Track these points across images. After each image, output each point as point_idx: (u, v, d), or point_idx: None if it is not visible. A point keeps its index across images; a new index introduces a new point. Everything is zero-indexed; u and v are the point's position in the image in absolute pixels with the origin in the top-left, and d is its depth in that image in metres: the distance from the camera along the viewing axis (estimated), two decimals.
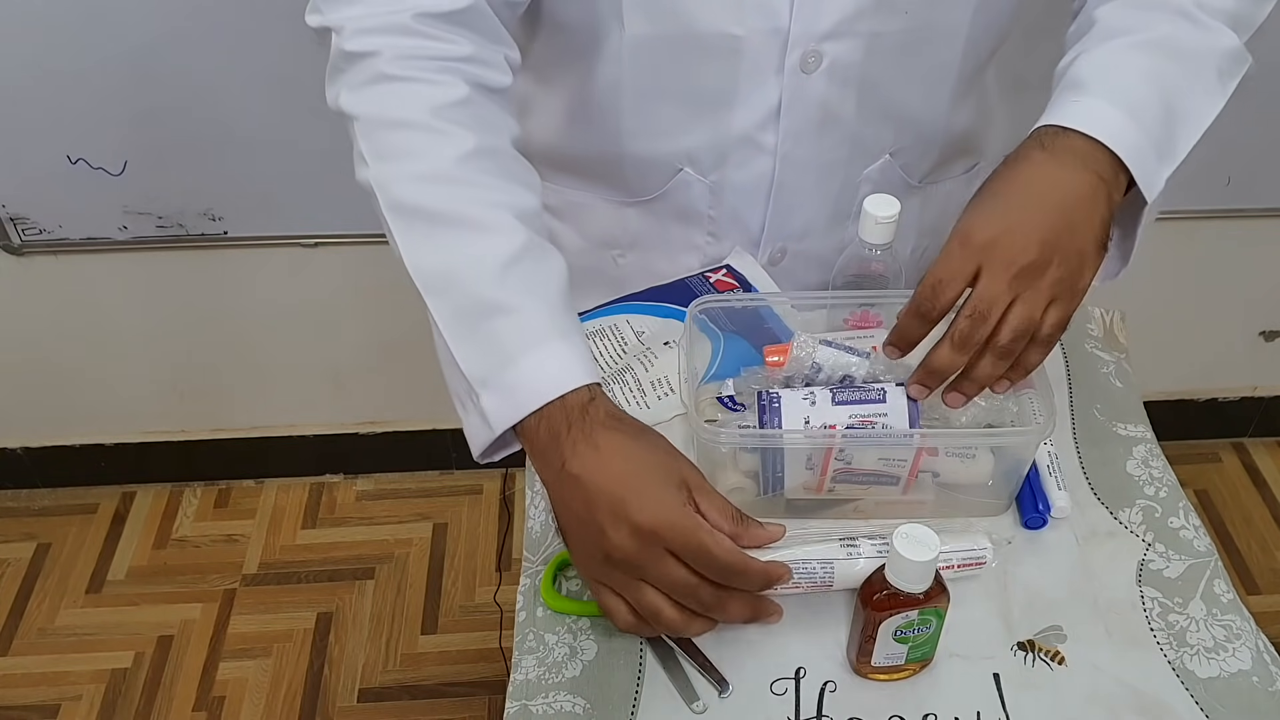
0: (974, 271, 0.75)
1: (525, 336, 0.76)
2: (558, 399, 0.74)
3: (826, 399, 0.82)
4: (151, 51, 1.51)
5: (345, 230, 1.77)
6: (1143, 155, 0.78)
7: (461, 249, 0.78)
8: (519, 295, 0.77)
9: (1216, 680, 0.79)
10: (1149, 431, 0.97)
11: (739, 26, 0.86)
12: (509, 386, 0.75)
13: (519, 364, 0.75)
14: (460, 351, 0.77)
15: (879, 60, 0.89)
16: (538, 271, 0.79)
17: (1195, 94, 0.82)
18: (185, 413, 2.08)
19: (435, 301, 0.78)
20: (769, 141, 0.94)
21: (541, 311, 0.77)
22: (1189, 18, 0.83)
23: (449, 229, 0.79)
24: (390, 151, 0.81)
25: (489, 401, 0.76)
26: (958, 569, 0.82)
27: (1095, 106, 0.79)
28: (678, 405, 0.97)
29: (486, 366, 0.76)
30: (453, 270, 0.78)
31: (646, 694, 0.79)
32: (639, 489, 0.72)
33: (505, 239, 0.78)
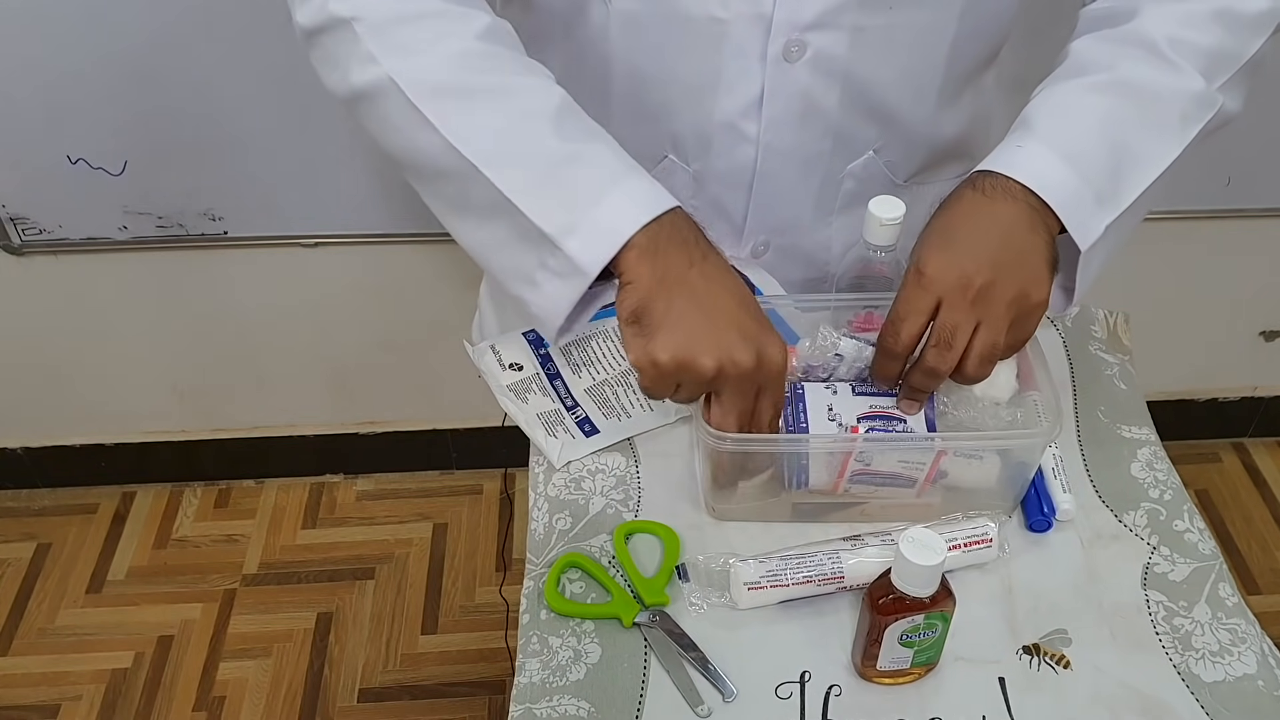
0: (934, 305, 0.78)
1: (604, 175, 0.79)
2: (663, 215, 0.77)
3: (847, 390, 0.85)
4: (151, 51, 1.51)
5: (345, 230, 1.77)
6: (1078, 203, 0.80)
7: (510, 113, 0.80)
8: (580, 142, 0.80)
9: (1222, 684, 0.79)
10: (1153, 434, 0.97)
11: (723, 10, 0.86)
12: (599, 222, 0.77)
13: (606, 200, 0.78)
14: (537, 209, 0.78)
15: (863, 54, 0.90)
16: (585, 120, 0.82)
17: (1150, 139, 0.83)
18: (185, 413, 2.07)
19: (496, 171, 0.79)
20: (751, 130, 0.94)
21: (608, 152, 0.81)
22: (1160, 56, 0.83)
23: (491, 98, 0.80)
24: (412, 42, 0.81)
25: (577, 246, 0.77)
26: (965, 548, 0.83)
27: (1036, 153, 0.80)
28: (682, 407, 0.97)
29: (570, 213, 0.78)
30: (507, 134, 0.80)
31: (651, 698, 0.79)
32: (738, 301, 0.79)
33: (546, 95, 0.81)
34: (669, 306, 0.76)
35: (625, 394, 0.97)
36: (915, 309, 0.79)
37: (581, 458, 0.94)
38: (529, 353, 1.01)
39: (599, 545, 0.89)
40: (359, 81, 0.82)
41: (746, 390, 0.78)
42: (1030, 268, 0.79)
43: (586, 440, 0.95)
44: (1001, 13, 0.94)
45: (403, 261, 1.83)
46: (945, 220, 0.81)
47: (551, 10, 0.92)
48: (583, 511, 0.91)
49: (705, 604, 0.84)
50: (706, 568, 0.85)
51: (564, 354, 1.00)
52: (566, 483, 0.93)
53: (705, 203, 1.00)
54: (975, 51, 0.96)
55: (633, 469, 0.94)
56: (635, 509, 0.91)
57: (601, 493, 0.92)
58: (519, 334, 1.02)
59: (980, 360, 0.79)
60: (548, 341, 1.00)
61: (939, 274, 0.78)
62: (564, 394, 0.98)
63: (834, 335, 0.88)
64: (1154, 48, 0.83)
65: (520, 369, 1.00)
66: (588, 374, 0.99)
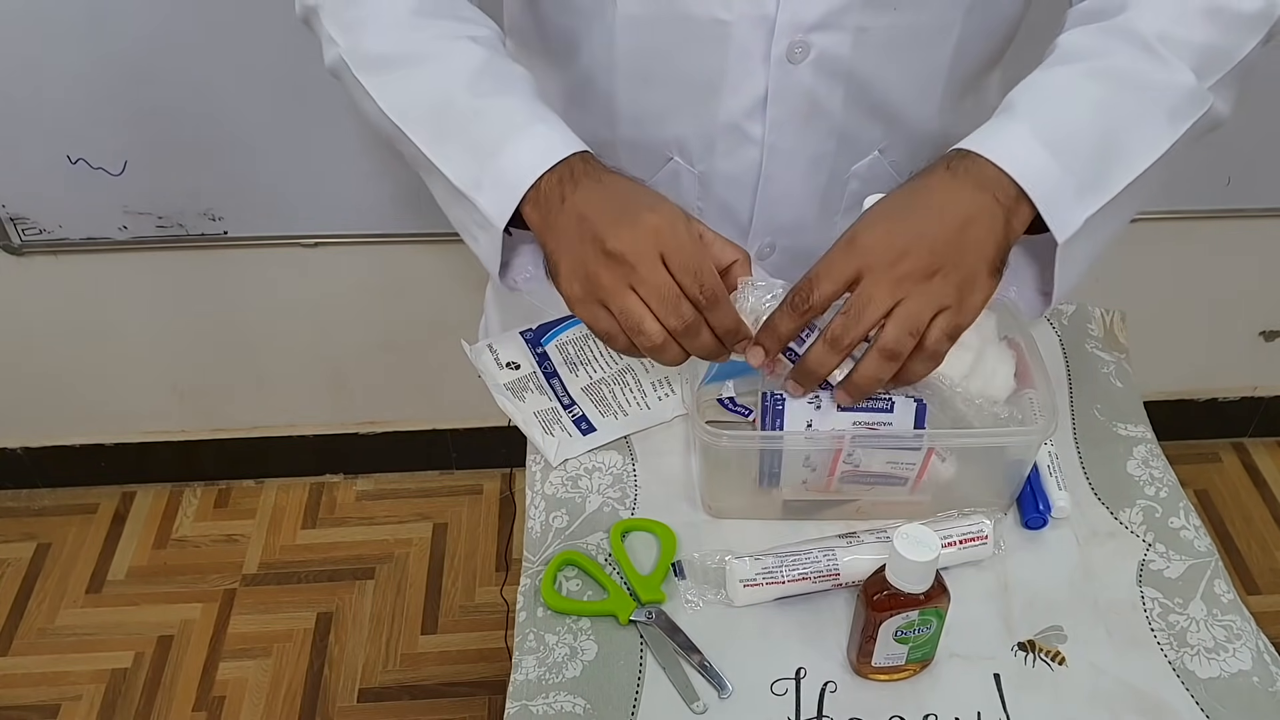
0: (854, 274, 0.75)
1: (505, 126, 0.81)
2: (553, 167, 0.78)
3: (832, 405, 0.81)
4: (151, 51, 1.51)
5: (345, 230, 1.77)
6: (1057, 191, 0.76)
7: (430, 77, 0.84)
8: (489, 97, 0.83)
9: (1217, 680, 0.79)
10: (1149, 432, 0.97)
11: (727, 12, 0.86)
12: (501, 173, 0.79)
13: (505, 150, 0.79)
14: (449, 166, 0.82)
15: (867, 55, 0.89)
16: (503, 76, 0.85)
17: (1137, 131, 0.79)
18: (185, 413, 2.08)
19: (414, 129, 0.83)
20: (756, 131, 0.94)
21: (515, 105, 0.82)
22: (1149, 51, 0.81)
23: (415, 65, 0.85)
24: (352, 20, 0.87)
25: (486, 200, 0.80)
26: (960, 545, 0.83)
27: (1015, 133, 0.77)
28: (679, 405, 0.97)
29: (475, 167, 0.81)
30: (425, 95, 0.84)
31: (647, 694, 0.79)
32: (650, 198, 0.77)
33: (467, 57, 0.84)
34: (556, 247, 0.78)
35: (622, 392, 0.98)
36: (834, 273, 0.75)
37: (579, 456, 0.95)
38: (526, 351, 1.01)
39: (596, 543, 0.89)
40: (328, 62, 0.89)
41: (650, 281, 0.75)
42: (968, 267, 0.75)
43: (583, 438, 0.95)
44: (1008, 11, 0.93)
45: (403, 261, 1.83)
46: (904, 193, 0.78)
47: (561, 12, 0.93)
48: (579, 510, 0.91)
49: (701, 601, 0.84)
50: (702, 565, 0.86)
51: (561, 352, 1.00)
52: (563, 481, 0.93)
53: (711, 204, 1.00)
54: (981, 51, 0.95)
55: (630, 467, 0.94)
56: (632, 507, 0.91)
57: (598, 491, 0.92)
58: (516, 333, 1.03)
59: (898, 332, 0.74)
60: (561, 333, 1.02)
61: (873, 244, 0.75)
62: (561, 392, 0.98)
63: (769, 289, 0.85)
64: (1144, 42, 0.81)
65: (517, 368, 1.00)
66: (585, 372, 0.99)
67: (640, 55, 0.91)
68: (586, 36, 0.92)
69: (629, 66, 0.92)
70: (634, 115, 0.96)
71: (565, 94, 0.99)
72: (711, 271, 0.76)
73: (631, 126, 0.97)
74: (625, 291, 0.76)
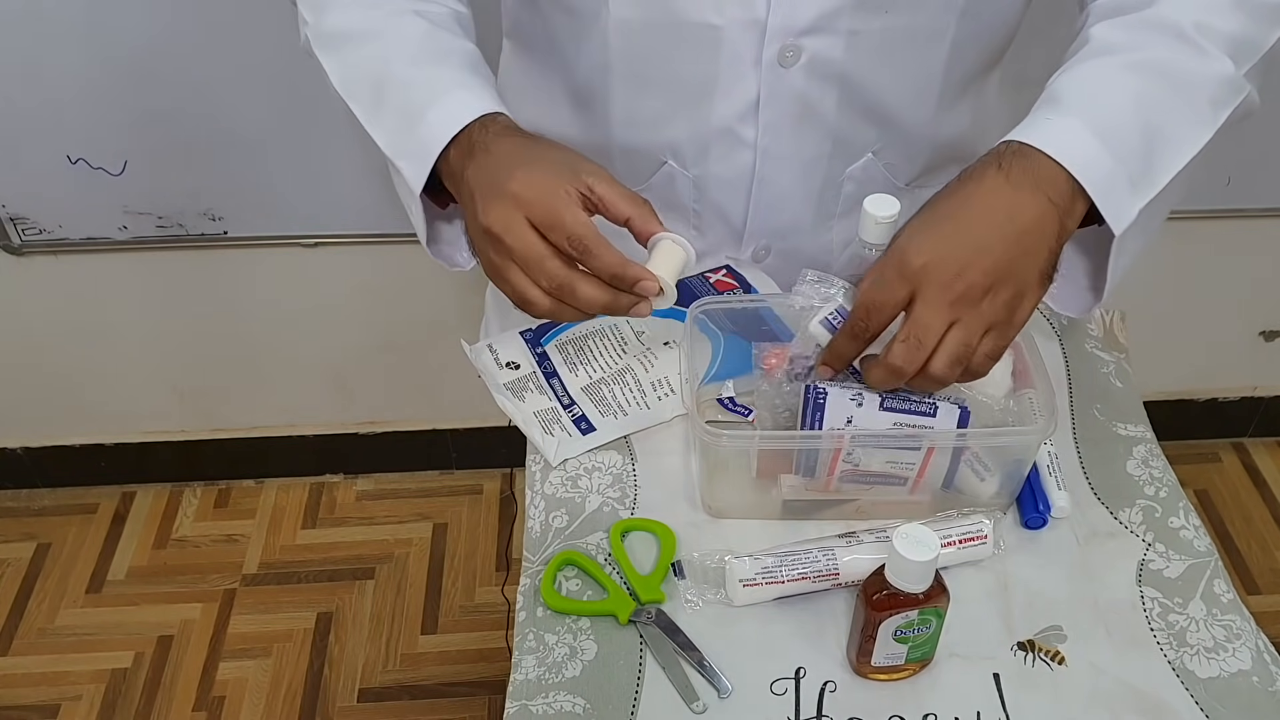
0: (909, 295, 0.73)
1: (427, 95, 0.82)
2: (460, 133, 0.79)
3: (874, 403, 0.81)
4: (151, 52, 1.51)
5: (345, 230, 1.77)
6: (1111, 183, 0.75)
7: (372, 51, 0.86)
8: (421, 67, 0.84)
9: (1216, 680, 0.79)
10: (1149, 431, 0.97)
11: (718, 16, 0.86)
12: (419, 141, 0.81)
13: (423, 120, 0.81)
14: (381, 137, 0.84)
15: (859, 58, 0.89)
16: (441, 48, 0.86)
17: (1182, 121, 0.78)
18: (185, 413, 2.08)
19: (356, 103, 0.85)
20: (749, 135, 0.94)
21: (441, 74, 0.84)
22: (1186, 41, 0.79)
23: (362, 41, 0.87)
24: (318, 2, 0.89)
25: (408, 168, 0.82)
26: (960, 545, 0.83)
27: (1067, 126, 0.75)
28: (679, 405, 0.97)
29: (399, 137, 0.82)
30: (366, 70, 0.86)
31: (646, 694, 0.79)
32: (516, 166, 0.77)
33: (410, 30, 0.86)
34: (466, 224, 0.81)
35: (622, 392, 0.98)
36: (893, 297, 0.74)
37: (578, 456, 0.95)
38: (526, 351, 1.01)
39: (595, 543, 0.89)
40: (301, 42, 0.91)
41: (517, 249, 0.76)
42: (1023, 281, 0.74)
43: (583, 438, 0.95)
44: (1005, 13, 0.93)
45: (403, 261, 1.83)
46: (950, 204, 0.75)
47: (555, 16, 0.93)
48: (579, 509, 0.91)
49: (701, 601, 0.84)
50: (702, 565, 0.86)
51: (561, 352, 1.00)
52: (563, 481, 0.93)
53: (706, 208, 1.01)
54: (978, 53, 0.95)
55: (629, 467, 0.94)
56: (632, 507, 0.91)
57: (598, 491, 0.92)
58: (516, 332, 1.03)
59: (949, 363, 0.74)
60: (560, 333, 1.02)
61: (928, 263, 0.72)
62: (560, 392, 0.98)
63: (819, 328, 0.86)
64: (1180, 32, 0.79)
65: (517, 367, 1.00)
66: (584, 372, 0.99)
67: (633, 60, 0.91)
68: (580, 41, 0.92)
69: (622, 71, 0.92)
70: (628, 119, 0.96)
71: (558, 98, 1.00)
72: (577, 220, 0.75)
73: (626, 130, 0.97)
74: (507, 266, 0.77)
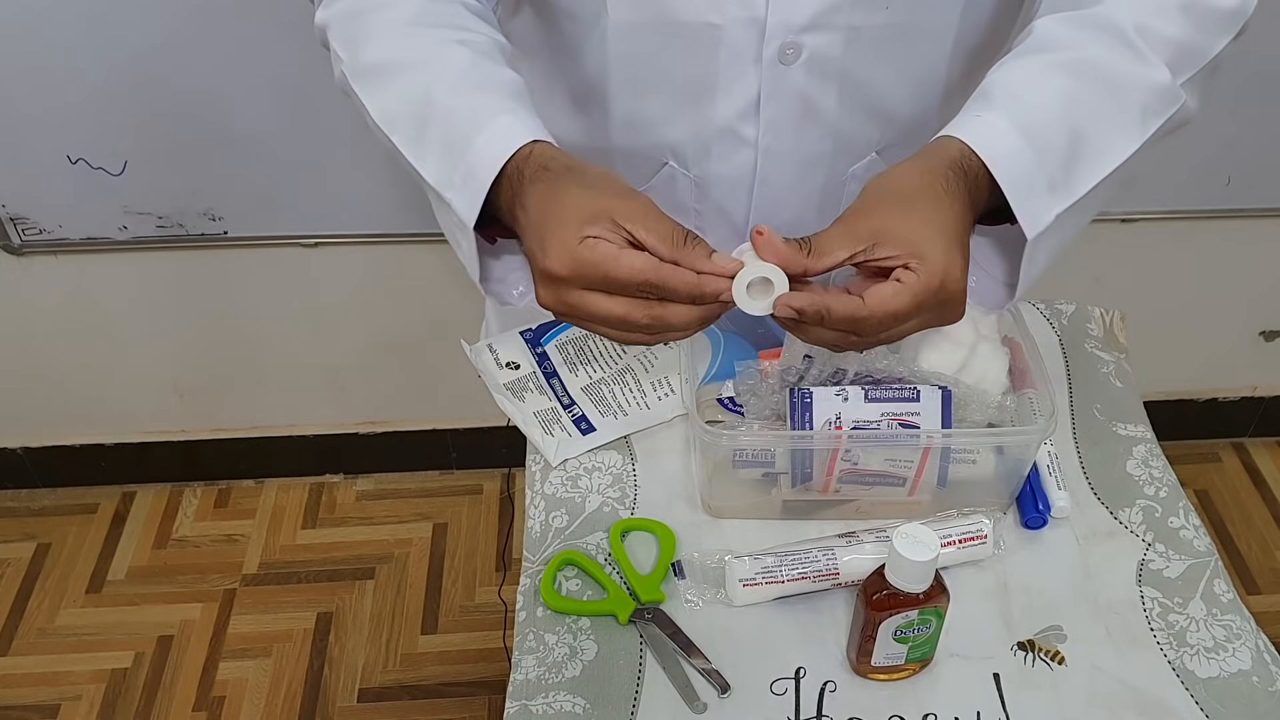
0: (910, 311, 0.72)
1: (473, 122, 0.78)
2: (510, 160, 0.75)
3: (859, 396, 0.82)
4: (151, 51, 1.51)
5: (345, 230, 1.77)
6: (1030, 187, 0.75)
7: (415, 81, 0.82)
8: (465, 95, 0.80)
9: (1216, 680, 0.79)
10: (1149, 431, 0.97)
11: (717, 15, 0.86)
12: (469, 170, 0.77)
13: (472, 145, 0.77)
14: (426, 168, 0.80)
15: (860, 55, 0.89)
16: (485, 75, 0.82)
17: (1111, 128, 0.78)
18: (185, 413, 2.07)
19: (398, 134, 0.81)
20: (750, 134, 0.93)
21: (486, 100, 0.79)
22: (1126, 44, 0.79)
23: (404, 71, 0.83)
24: (354, 34, 0.86)
25: (458, 200, 0.77)
26: (960, 545, 0.83)
27: (992, 123, 0.75)
28: (679, 405, 0.97)
29: (449, 166, 0.78)
30: (408, 100, 0.82)
31: (646, 694, 0.79)
32: (543, 238, 0.73)
33: (453, 59, 0.82)
34: (526, 257, 0.76)
35: (622, 392, 0.98)
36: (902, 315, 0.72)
37: (578, 456, 0.95)
38: (526, 351, 1.01)
39: (595, 543, 0.89)
40: (337, 79, 0.87)
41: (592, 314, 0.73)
42: (959, 293, 0.73)
43: (583, 438, 0.95)
44: (1008, 8, 0.93)
45: (403, 261, 1.83)
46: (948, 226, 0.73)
47: (552, 19, 0.93)
48: (579, 509, 0.91)
49: (701, 601, 0.84)
50: (702, 565, 0.86)
51: (561, 352, 1.00)
52: (563, 481, 0.93)
53: (707, 208, 1.00)
54: (980, 48, 0.94)
55: (629, 467, 0.94)
56: (632, 507, 0.91)
57: (598, 491, 0.92)
58: (516, 332, 1.03)
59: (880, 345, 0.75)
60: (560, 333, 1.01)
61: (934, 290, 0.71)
62: (560, 392, 0.98)
63: None
64: (1121, 34, 0.79)
65: (517, 368, 1.00)
66: (585, 372, 0.99)
67: (632, 61, 0.91)
68: (578, 44, 0.92)
69: (621, 73, 0.92)
70: (628, 121, 0.95)
71: (558, 101, 0.99)
72: (633, 269, 0.71)
73: (626, 132, 0.96)
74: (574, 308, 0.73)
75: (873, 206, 0.74)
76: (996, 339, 0.91)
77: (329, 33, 0.87)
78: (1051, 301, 1.10)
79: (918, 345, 0.89)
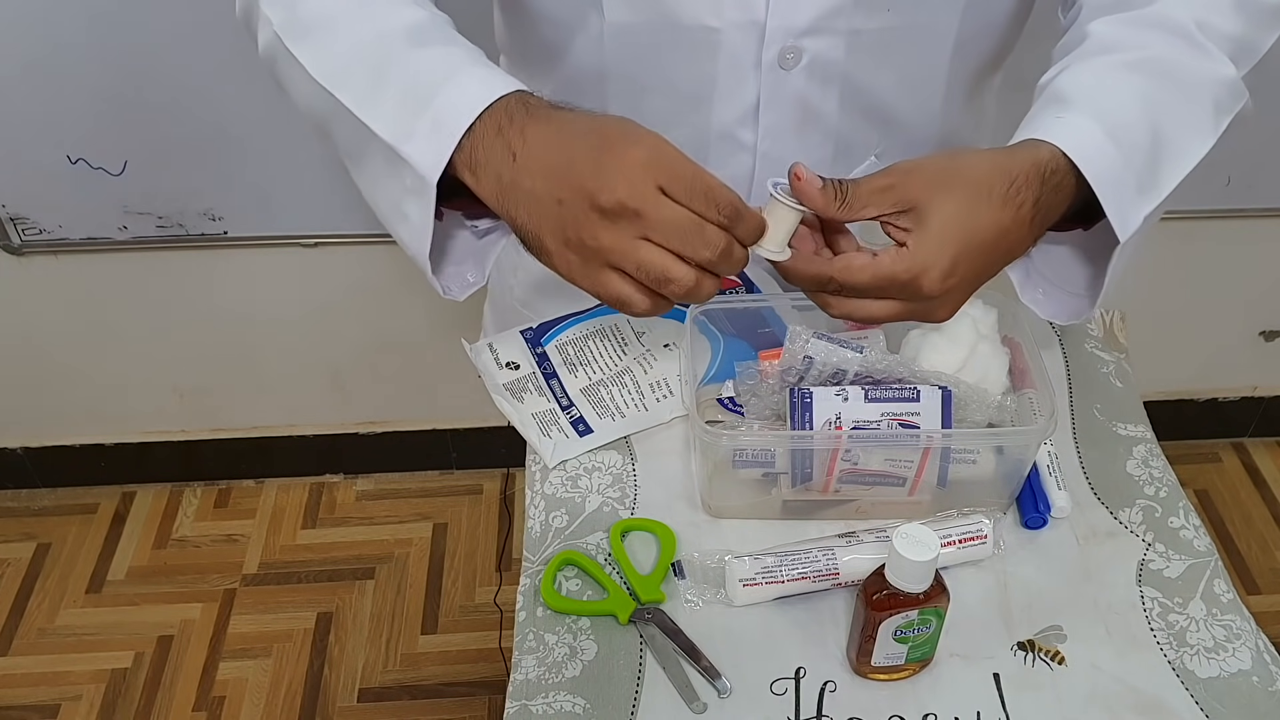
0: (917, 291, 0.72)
1: (438, 72, 0.71)
2: (487, 109, 0.69)
3: (859, 396, 0.82)
4: (151, 51, 1.52)
5: (345, 230, 1.77)
6: (1120, 186, 0.73)
7: (366, 35, 0.75)
8: (425, 47, 0.74)
9: (1216, 680, 0.79)
10: (1149, 431, 0.97)
11: (716, 19, 0.85)
12: (432, 122, 0.70)
13: (438, 97, 0.70)
14: (378, 122, 0.72)
15: (861, 59, 0.88)
16: (445, 33, 0.76)
17: (1186, 126, 0.76)
18: (185, 413, 2.08)
19: (341, 90, 0.74)
20: (748, 139, 0.92)
21: (452, 53, 0.73)
22: (1189, 40, 0.78)
23: (353, 22, 0.76)
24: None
25: (414, 150, 0.70)
26: (959, 545, 0.83)
27: (1080, 126, 0.73)
28: (677, 407, 0.97)
29: (404, 117, 0.71)
30: (356, 52, 0.75)
31: (646, 694, 0.79)
32: (622, 130, 0.68)
33: (409, 14, 0.75)
34: (526, 218, 0.69)
35: (620, 394, 0.98)
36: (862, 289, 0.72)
37: (578, 456, 0.95)
38: (526, 351, 1.01)
39: (595, 543, 0.89)
40: (262, 48, 0.81)
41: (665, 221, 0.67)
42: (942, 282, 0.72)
43: (580, 439, 0.95)
44: (1009, 11, 0.92)
45: (403, 261, 1.81)
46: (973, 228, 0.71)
47: (548, 23, 0.92)
48: (579, 509, 0.91)
49: (701, 601, 0.84)
50: (702, 565, 0.86)
51: (560, 353, 1.00)
52: (563, 481, 0.93)
53: None
54: (982, 51, 0.94)
55: (629, 467, 0.94)
56: (632, 507, 0.91)
57: (598, 491, 0.92)
58: (516, 331, 1.03)
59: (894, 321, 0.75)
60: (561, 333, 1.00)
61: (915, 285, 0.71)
62: (559, 393, 0.98)
63: (806, 335, 0.86)
64: (1184, 31, 0.78)
65: (517, 368, 1.00)
66: (584, 374, 0.99)
67: (630, 64, 0.90)
68: (574, 48, 0.91)
69: (619, 76, 0.91)
70: None
71: None
72: (719, 184, 0.68)
73: None
74: (637, 245, 0.67)
75: (926, 179, 0.72)
76: (996, 339, 0.91)
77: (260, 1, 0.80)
78: None
79: (918, 345, 0.89)
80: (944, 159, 0.75)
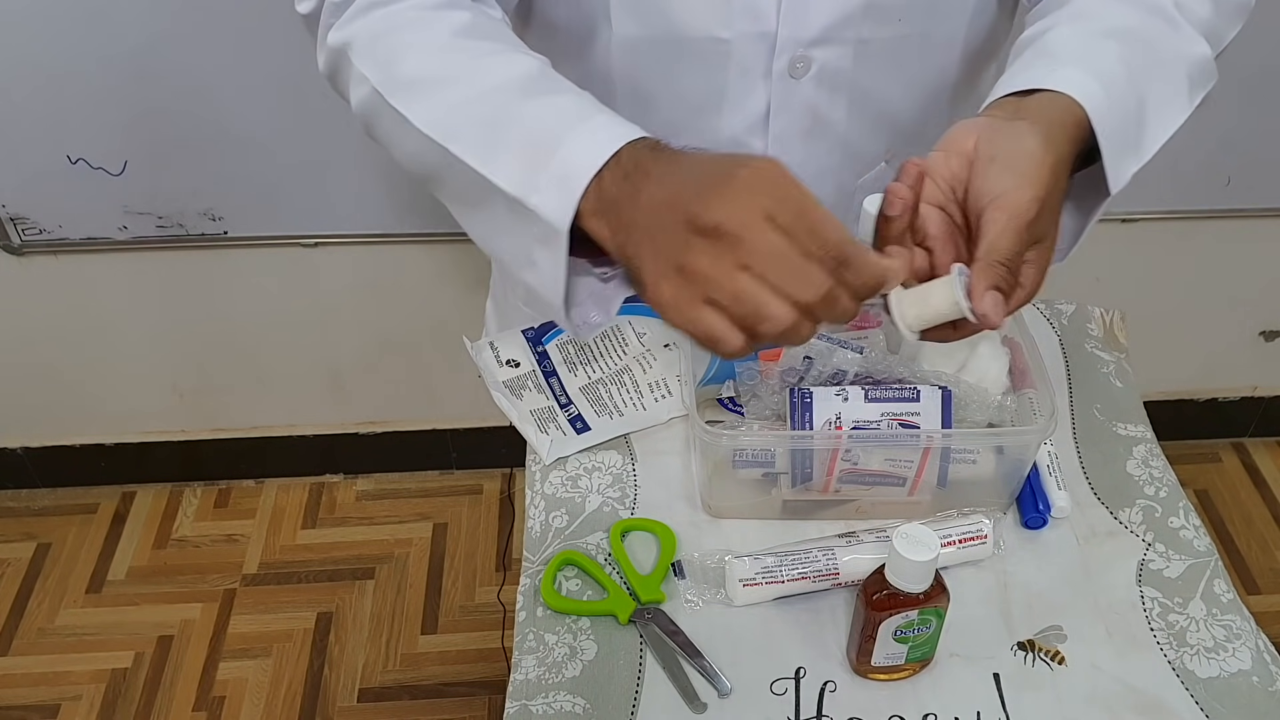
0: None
1: (562, 121, 0.69)
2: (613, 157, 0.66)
3: (859, 396, 0.83)
4: (151, 51, 1.51)
5: (345, 230, 1.77)
6: (1121, 141, 0.72)
7: (476, 88, 0.73)
8: (544, 96, 0.71)
9: (1216, 680, 0.79)
10: (1149, 431, 0.97)
11: (726, 30, 0.85)
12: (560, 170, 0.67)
13: (563, 144, 0.67)
14: (499, 174, 0.69)
15: (870, 67, 0.88)
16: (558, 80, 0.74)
17: (1162, 95, 0.76)
18: (185, 413, 2.07)
19: (460, 144, 0.71)
20: (758, 146, 0.93)
21: (573, 100, 0.71)
22: (1166, 17, 0.78)
23: (459, 80, 0.74)
24: (391, 52, 0.77)
25: (543, 201, 0.67)
26: (960, 545, 0.83)
27: (1072, 76, 0.71)
28: (676, 407, 0.97)
29: (530, 168, 0.68)
30: (469, 107, 0.72)
31: (646, 694, 0.79)
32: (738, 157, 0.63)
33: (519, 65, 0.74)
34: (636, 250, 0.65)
35: (619, 392, 0.98)
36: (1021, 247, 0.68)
37: (577, 455, 0.95)
38: (527, 350, 1.01)
39: (595, 543, 0.89)
40: (357, 104, 0.79)
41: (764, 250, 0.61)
42: None
43: (578, 437, 0.95)
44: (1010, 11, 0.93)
45: (403, 261, 1.83)
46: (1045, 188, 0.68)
47: (556, 34, 0.92)
48: (579, 509, 0.91)
49: (701, 601, 0.84)
50: (702, 565, 0.86)
51: (561, 352, 1.00)
52: (563, 481, 0.93)
53: None
54: (987, 57, 0.95)
55: (629, 467, 0.94)
56: (632, 507, 0.91)
57: (598, 491, 0.92)
58: (517, 330, 1.03)
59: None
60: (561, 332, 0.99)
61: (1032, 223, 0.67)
62: (559, 391, 0.98)
63: None
64: (1159, 7, 0.78)
65: (517, 365, 1.00)
66: (584, 372, 0.99)
67: (638, 76, 0.90)
68: (582, 59, 0.91)
69: (627, 87, 0.91)
70: None
71: None
72: (833, 221, 0.62)
73: None
74: (733, 273, 0.61)
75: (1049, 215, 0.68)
76: (996, 339, 0.91)
77: (351, 53, 0.79)
78: (1051, 301, 1.10)
79: (918, 345, 0.89)
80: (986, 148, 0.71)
